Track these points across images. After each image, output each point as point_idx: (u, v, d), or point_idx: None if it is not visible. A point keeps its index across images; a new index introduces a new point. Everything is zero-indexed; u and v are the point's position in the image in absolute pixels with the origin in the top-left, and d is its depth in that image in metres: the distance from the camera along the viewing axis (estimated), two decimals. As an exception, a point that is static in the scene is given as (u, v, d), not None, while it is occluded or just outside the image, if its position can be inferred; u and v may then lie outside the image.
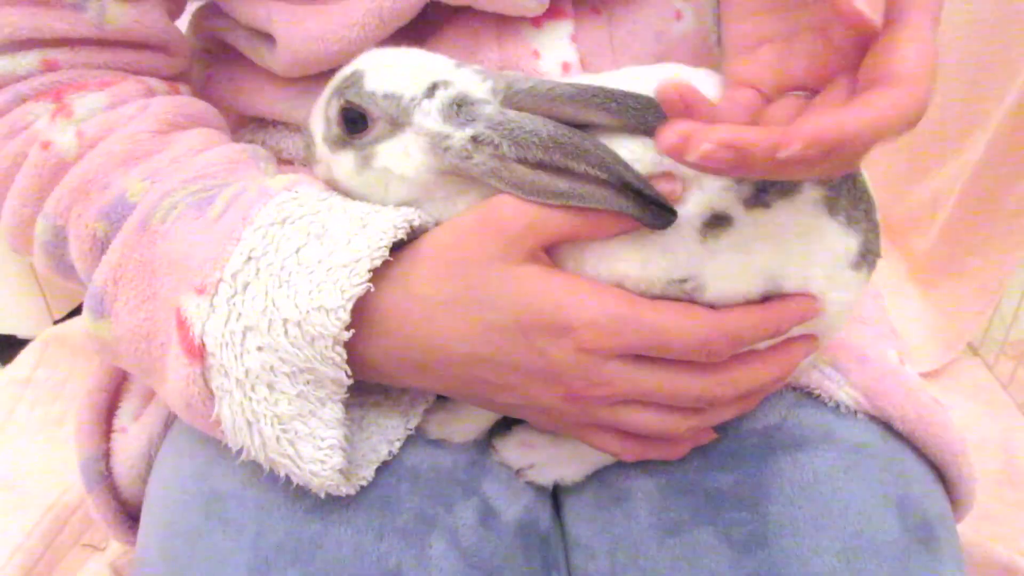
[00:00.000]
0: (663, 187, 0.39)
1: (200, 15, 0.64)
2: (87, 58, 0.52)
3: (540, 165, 0.40)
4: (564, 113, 0.41)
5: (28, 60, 0.51)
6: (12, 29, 0.49)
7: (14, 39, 0.50)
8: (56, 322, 1.13)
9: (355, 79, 0.45)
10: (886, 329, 0.60)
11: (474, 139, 0.41)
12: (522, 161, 0.40)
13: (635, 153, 0.40)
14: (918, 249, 1.17)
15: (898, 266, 1.18)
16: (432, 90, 0.43)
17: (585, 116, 0.41)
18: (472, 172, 0.42)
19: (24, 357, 1.00)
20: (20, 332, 1.12)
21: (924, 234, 1.15)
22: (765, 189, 0.40)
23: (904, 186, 1.18)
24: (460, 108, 0.42)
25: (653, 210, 0.39)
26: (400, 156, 0.44)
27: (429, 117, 0.43)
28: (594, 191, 0.39)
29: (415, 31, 0.52)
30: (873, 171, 0.44)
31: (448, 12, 0.52)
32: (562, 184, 0.40)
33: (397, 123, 0.44)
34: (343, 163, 0.46)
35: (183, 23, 0.64)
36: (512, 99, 0.42)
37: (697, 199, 0.40)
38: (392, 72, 0.44)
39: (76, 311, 1.14)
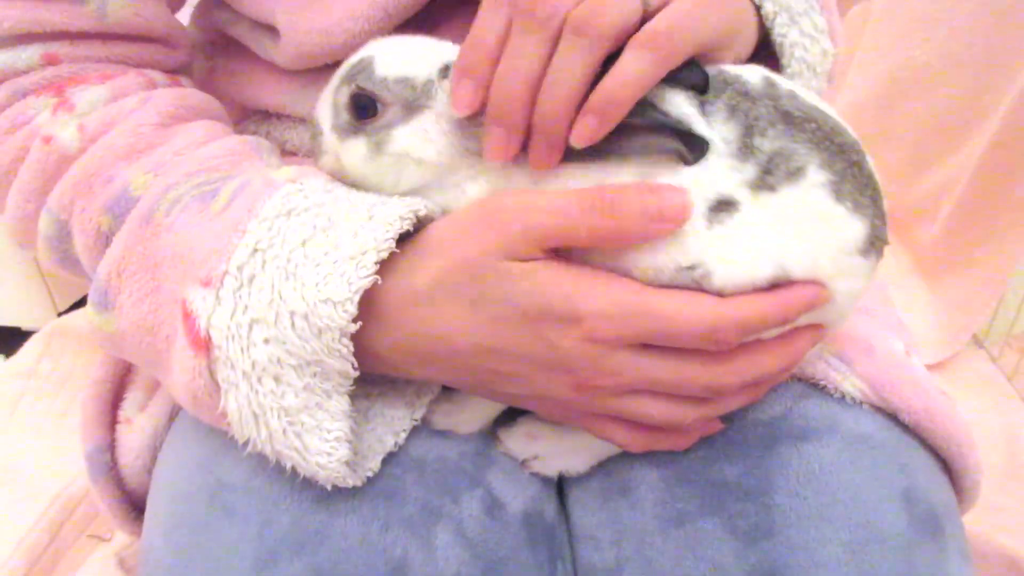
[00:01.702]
0: None
1: (202, 7, 0.64)
2: (88, 51, 0.52)
3: None
4: None
5: (28, 54, 0.50)
6: (12, 23, 0.49)
7: (14, 33, 0.50)
8: (60, 314, 1.13)
9: (365, 65, 0.45)
10: (892, 320, 0.60)
11: None
12: None
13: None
14: (923, 241, 1.16)
15: (903, 258, 1.18)
16: (445, 71, 0.43)
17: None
18: None
19: (28, 349, 1.00)
20: (24, 324, 1.13)
21: (929, 226, 1.15)
22: (770, 171, 0.40)
23: (909, 178, 1.17)
24: None
25: (691, 140, 0.39)
26: (419, 139, 0.44)
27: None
28: (630, 142, 0.39)
29: (420, 24, 0.52)
30: (878, 162, 0.43)
31: (453, 4, 0.52)
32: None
33: (413, 107, 0.44)
34: (354, 150, 0.46)
35: (184, 16, 0.64)
36: None
37: (702, 181, 0.40)
38: (402, 57, 0.44)
39: (80, 303, 1.14)
